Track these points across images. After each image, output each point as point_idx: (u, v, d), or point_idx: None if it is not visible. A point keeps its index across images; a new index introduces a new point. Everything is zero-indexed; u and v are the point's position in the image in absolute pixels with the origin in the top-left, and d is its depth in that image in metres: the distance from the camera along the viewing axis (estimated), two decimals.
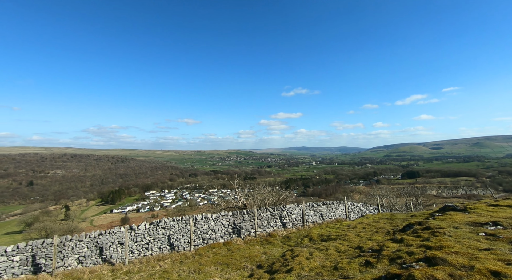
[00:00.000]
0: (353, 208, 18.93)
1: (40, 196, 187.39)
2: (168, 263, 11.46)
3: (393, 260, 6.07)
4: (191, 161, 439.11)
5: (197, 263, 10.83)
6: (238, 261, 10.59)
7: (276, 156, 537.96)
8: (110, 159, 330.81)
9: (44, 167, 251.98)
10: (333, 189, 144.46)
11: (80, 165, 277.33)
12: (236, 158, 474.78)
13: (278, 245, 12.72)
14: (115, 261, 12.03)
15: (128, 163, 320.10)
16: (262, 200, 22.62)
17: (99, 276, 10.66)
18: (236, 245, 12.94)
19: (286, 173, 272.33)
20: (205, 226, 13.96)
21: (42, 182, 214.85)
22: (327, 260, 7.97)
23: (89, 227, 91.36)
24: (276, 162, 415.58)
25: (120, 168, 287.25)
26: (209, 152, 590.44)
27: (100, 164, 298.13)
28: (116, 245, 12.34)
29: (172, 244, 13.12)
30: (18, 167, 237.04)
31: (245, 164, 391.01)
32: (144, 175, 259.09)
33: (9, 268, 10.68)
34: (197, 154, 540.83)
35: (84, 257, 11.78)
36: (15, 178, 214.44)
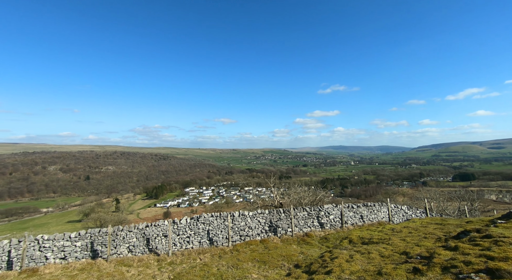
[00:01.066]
0: (397, 211, 17.72)
1: (95, 189, 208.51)
2: (208, 257, 11.92)
3: (447, 269, 5.54)
4: (227, 159, 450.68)
5: (235, 259, 11.09)
6: (275, 259, 10.60)
7: (311, 155, 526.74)
8: (154, 156, 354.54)
9: (98, 163, 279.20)
10: (373, 190, 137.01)
11: (128, 162, 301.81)
12: (271, 157, 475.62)
13: (316, 245, 12.45)
14: (160, 252, 12.88)
15: (169, 161, 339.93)
16: (298, 199, 22.35)
17: (146, 265, 11.51)
18: (273, 243, 12.97)
19: (322, 173, 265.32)
20: (242, 223, 14.23)
21: (97, 177, 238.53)
22: (370, 264, 7.58)
23: (136, 219, 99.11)
24: (312, 161, 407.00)
25: (162, 165, 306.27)
26: (244, 150, 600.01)
27: (145, 161, 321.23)
28: (161, 237, 13.20)
29: (211, 239, 13.62)
30: (78, 163, 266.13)
31: (280, 163, 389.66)
32: (184, 172, 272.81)
33: (73, 252, 12.07)
34: (233, 153, 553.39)
35: (133, 246, 12.81)
36: (75, 172, 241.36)
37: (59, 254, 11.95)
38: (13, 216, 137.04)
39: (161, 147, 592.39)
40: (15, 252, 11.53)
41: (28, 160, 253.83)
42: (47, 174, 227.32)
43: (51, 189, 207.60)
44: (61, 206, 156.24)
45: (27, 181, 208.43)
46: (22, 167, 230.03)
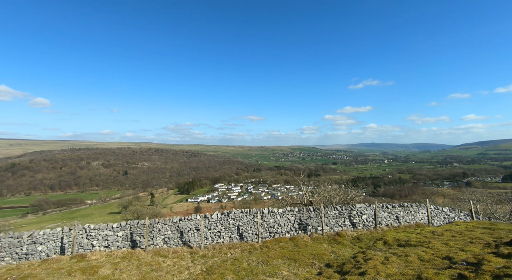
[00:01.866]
0: (438, 213, 16.53)
1: (132, 184, 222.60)
2: (238, 252, 12.16)
3: (499, 278, 5.06)
4: (255, 156, 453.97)
5: (265, 255, 11.18)
6: (305, 258, 10.49)
7: (342, 152, 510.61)
8: (185, 153, 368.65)
9: (135, 159, 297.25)
10: (409, 190, 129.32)
11: (162, 158, 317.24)
12: (299, 154, 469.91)
13: (348, 245, 12.09)
14: (192, 245, 13.40)
15: (199, 158, 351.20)
16: (328, 198, 21.84)
17: (180, 256, 12.05)
18: (303, 242, 12.84)
19: (353, 171, 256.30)
20: (272, 220, 14.27)
21: (134, 172, 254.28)
22: (408, 268, 7.18)
23: (169, 213, 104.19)
24: (342, 159, 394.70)
25: (193, 162, 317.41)
26: (272, 148, 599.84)
27: (177, 157, 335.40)
28: (193, 231, 13.72)
29: (241, 234, 13.86)
30: (117, 159, 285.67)
31: (309, 161, 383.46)
32: (213, 168, 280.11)
33: (115, 242, 13.03)
34: (260, 150, 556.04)
35: (168, 238, 13.48)
36: (115, 168, 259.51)
37: (103, 243, 12.98)
38: (63, 207, 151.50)
39: (191, 144, 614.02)
40: (67, 239, 12.74)
41: (75, 156, 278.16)
42: (91, 169, 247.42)
43: (95, 182, 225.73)
44: (103, 199, 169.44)
45: (74, 175, 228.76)
46: (70, 162, 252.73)
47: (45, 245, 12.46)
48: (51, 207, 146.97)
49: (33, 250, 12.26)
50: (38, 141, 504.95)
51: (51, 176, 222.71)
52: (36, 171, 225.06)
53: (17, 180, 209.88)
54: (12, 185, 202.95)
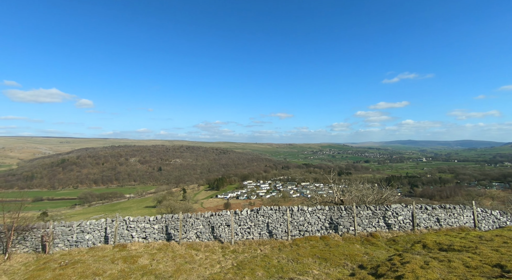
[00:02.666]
0: (486, 216, 15.11)
1: (166, 179, 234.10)
2: (268, 249, 12.23)
3: None
4: (284, 154, 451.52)
5: (295, 253, 11.11)
6: (337, 258, 10.24)
7: (375, 150, 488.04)
8: (214, 150, 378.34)
9: (168, 156, 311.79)
10: (451, 191, 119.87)
11: (193, 155, 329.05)
12: (329, 151, 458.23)
13: (382, 247, 11.56)
14: (223, 240, 13.75)
15: (228, 155, 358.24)
16: (360, 197, 21.03)
17: (212, 250, 12.44)
18: (334, 241, 12.54)
19: (387, 170, 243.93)
20: (301, 218, 14.12)
21: (167, 169, 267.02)
22: (451, 274, 6.68)
23: (200, 208, 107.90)
24: (375, 157, 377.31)
25: (222, 159, 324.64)
26: (301, 145, 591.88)
27: (207, 155, 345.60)
28: (224, 226, 14.07)
29: (270, 231, 13.91)
30: (152, 156, 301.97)
31: (339, 159, 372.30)
32: (242, 166, 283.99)
33: (151, 234, 13.83)
34: (289, 147, 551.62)
35: (200, 233, 13.98)
36: (150, 164, 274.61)
37: (141, 234, 13.86)
38: (105, 199, 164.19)
39: (221, 141, 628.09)
40: (109, 229, 13.81)
41: (115, 152, 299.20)
42: (129, 165, 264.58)
43: (132, 178, 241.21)
44: (139, 193, 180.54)
45: (115, 171, 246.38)
46: (110, 158, 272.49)
47: (91, 234, 13.62)
48: (95, 200, 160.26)
49: (81, 239, 13.47)
50: (84, 139, 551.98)
51: (94, 171, 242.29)
52: (82, 167, 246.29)
53: (66, 175, 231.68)
54: (62, 179, 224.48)
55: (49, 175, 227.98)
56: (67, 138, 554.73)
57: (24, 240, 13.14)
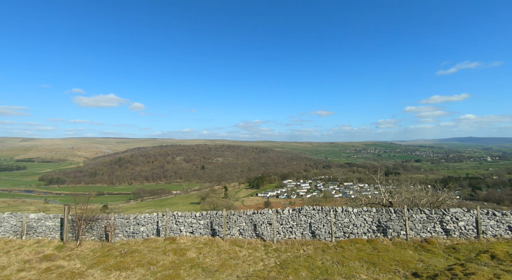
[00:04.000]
0: None
1: (208, 177, 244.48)
2: (311, 249, 12.00)
3: None
4: (325, 153, 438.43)
5: (340, 255, 10.72)
6: (387, 263, 9.61)
7: (427, 148, 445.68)
8: (254, 149, 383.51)
9: (210, 155, 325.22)
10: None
11: (233, 154, 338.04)
12: (374, 150, 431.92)
13: (440, 255, 10.51)
14: (265, 238, 13.88)
15: (268, 154, 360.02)
16: (411, 199, 19.42)
17: (255, 248, 12.64)
18: (383, 245, 11.78)
19: (442, 170, 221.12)
20: (346, 219, 13.56)
21: (210, 167, 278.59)
22: None
23: (241, 206, 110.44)
24: (428, 155, 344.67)
25: (262, 158, 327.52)
26: (343, 144, 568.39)
27: (247, 153, 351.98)
28: (266, 225, 14.19)
29: (313, 231, 13.63)
30: (195, 155, 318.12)
31: (385, 158, 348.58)
32: (282, 164, 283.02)
33: (198, 229, 14.58)
34: (330, 146, 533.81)
35: (243, 230, 14.31)
36: (194, 162, 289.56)
37: (188, 229, 14.70)
38: (155, 195, 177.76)
39: (260, 140, 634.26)
40: (160, 223, 14.92)
41: (163, 152, 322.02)
42: (175, 163, 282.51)
43: (178, 175, 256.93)
44: (185, 190, 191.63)
45: (163, 169, 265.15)
46: (159, 157, 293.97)
47: (146, 227, 14.87)
48: (146, 195, 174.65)
49: (137, 230, 14.80)
50: (136, 139, 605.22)
51: (146, 169, 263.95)
52: (135, 165, 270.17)
53: (122, 172, 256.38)
54: (119, 176, 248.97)
55: (108, 172, 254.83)
56: (123, 138, 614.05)
57: (91, 229, 14.90)
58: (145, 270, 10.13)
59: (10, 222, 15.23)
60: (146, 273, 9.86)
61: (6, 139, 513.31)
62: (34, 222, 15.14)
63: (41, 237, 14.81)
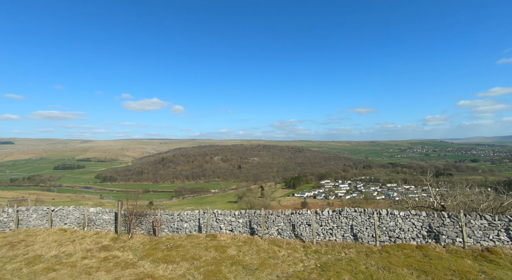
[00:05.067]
0: None
1: (245, 176, 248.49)
2: (353, 253, 11.51)
3: None
4: (365, 152, 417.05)
5: (385, 261, 10.11)
6: (440, 272, 8.81)
7: (485, 147, 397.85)
8: (290, 149, 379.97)
9: (246, 155, 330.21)
10: None
11: (269, 154, 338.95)
12: (421, 149, 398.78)
13: (506, 267, 9.31)
14: (304, 239, 13.67)
15: (304, 153, 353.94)
16: (467, 203, 17.50)
17: (294, 248, 12.52)
18: (435, 253, 10.82)
19: (506, 171, 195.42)
20: (391, 223, 12.73)
21: (246, 167, 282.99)
22: None
23: (278, 206, 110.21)
24: (487, 155, 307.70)
25: (298, 158, 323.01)
26: (385, 142, 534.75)
27: (282, 153, 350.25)
28: (304, 225, 13.97)
29: (355, 234, 13.06)
30: (232, 154, 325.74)
31: (435, 157, 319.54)
32: (319, 164, 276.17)
33: (237, 227, 14.92)
34: (371, 145, 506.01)
35: (282, 230, 14.27)
36: (231, 162, 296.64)
37: (228, 227, 15.11)
38: (195, 193, 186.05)
39: (296, 140, 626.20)
40: (202, 220, 15.58)
41: (202, 152, 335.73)
42: (213, 163, 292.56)
43: (216, 174, 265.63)
44: (222, 189, 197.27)
45: (202, 168, 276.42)
46: (198, 157, 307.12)
47: (188, 223, 15.65)
48: (187, 193, 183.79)
49: (180, 226, 15.65)
50: (177, 140, 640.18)
51: (186, 168, 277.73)
52: (177, 164, 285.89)
53: (165, 171, 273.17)
54: (162, 174, 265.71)
55: (153, 171, 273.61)
56: (165, 139, 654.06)
57: (141, 223, 16.15)
58: (189, 264, 10.67)
59: (75, 215, 17.20)
60: (190, 267, 10.38)
61: (69, 141, 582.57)
62: (93, 216, 16.90)
63: (99, 229, 16.47)
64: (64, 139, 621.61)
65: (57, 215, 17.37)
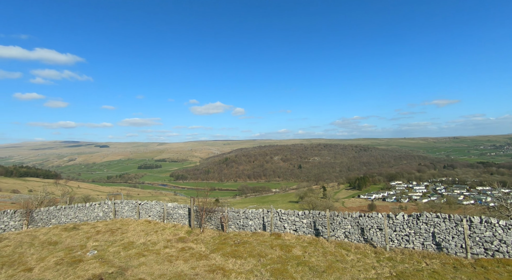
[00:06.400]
0: None
1: (305, 176, 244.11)
2: (437, 264, 10.13)
3: None
4: (445, 150, 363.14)
5: (481, 277, 8.59)
6: None
7: None
8: (354, 148, 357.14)
9: (307, 154, 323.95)
10: None
11: (330, 153, 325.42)
12: None
13: None
14: (375, 244, 12.64)
15: (370, 152, 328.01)
16: None
17: (364, 253, 11.71)
18: None
19: None
20: (487, 233, 10.74)
21: (306, 166, 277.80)
22: None
23: (342, 208, 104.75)
24: None
25: (363, 157, 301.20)
26: (472, 138, 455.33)
27: (345, 152, 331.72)
28: (375, 229, 12.93)
29: (438, 243, 11.46)
30: (292, 154, 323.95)
31: None
32: (387, 164, 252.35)
33: (301, 227, 14.76)
34: (453, 141, 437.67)
35: (349, 233, 13.51)
36: (291, 162, 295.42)
37: (292, 227, 15.07)
38: (257, 192, 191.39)
39: (360, 138, 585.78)
40: (266, 219, 15.91)
41: (262, 152, 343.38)
42: (273, 163, 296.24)
43: (276, 174, 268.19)
44: (283, 188, 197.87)
45: (262, 167, 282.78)
46: (259, 157, 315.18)
47: (253, 221, 16.19)
48: (249, 192, 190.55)
49: (246, 224, 16.30)
50: (239, 141, 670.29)
51: (248, 168, 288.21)
52: (239, 164, 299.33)
53: (229, 170, 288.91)
54: (226, 174, 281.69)
55: (218, 170, 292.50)
56: (228, 140, 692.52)
57: (210, 219, 17.43)
58: (256, 260, 11.03)
59: (156, 209, 19.65)
60: (257, 264, 10.72)
61: (148, 144, 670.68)
62: (171, 210, 18.99)
63: (175, 222, 18.42)
64: (145, 142, 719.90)
65: (143, 208, 20.12)
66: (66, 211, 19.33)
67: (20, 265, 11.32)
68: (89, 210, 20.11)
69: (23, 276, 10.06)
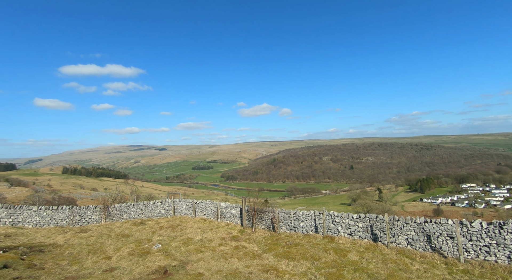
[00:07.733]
0: None
1: (358, 178, 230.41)
2: None
3: None
4: None
5: None
6: None
7: None
8: (414, 146, 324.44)
9: (359, 154, 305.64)
10: None
11: (386, 153, 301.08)
12: None
13: None
14: (446, 254, 11.26)
15: (434, 151, 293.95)
16: None
17: (432, 264, 10.53)
18: None
19: None
20: None
21: (359, 167, 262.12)
22: None
23: (401, 212, 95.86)
24: None
25: (426, 156, 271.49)
26: None
27: (404, 151, 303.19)
28: (445, 237, 11.52)
29: None
30: (343, 154, 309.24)
31: None
32: (456, 164, 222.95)
33: (356, 231, 13.98)
34: None
35: (412, 240, 12.30)
36: (342, 162, 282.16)
37: (346, 230, 14.36)
38: (306, 194, 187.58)
39: (421, 135, 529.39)
40: (318, 221, 15.48)
41: (310, 152, 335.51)
42: (322, 163, 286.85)
43: (326, 175, 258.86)
44: (334, 190, 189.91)
45: (311, 168, 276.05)
46: (307, 157, 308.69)
47: (304, 223, 15.90)
48: (298, 193, 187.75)
49: (297, 225, 16.10)
50: (286, 141, 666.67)
51: (296, 169, 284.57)
52: (287, 165, 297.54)
53: (277, 171, 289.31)
54: (274, 174, 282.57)
55: (266, 171, 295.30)
56: (275, 141, 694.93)
57: (261, 219, 17.69)
58: (309, 263, 10.80)
59: (210, 208, 20.76)
60: (311, 267, 10.49)
61: (201, 146, 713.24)
62: (224, 209, 19.84)
63: (228, 221, 19.17)
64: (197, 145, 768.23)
65: (199, 207, 21.44)
66: (134, 208, 21.73)
67: (102, 253, 13.12)
68: (153, 208, 22.25)
69: (104, 263, 11.62)
